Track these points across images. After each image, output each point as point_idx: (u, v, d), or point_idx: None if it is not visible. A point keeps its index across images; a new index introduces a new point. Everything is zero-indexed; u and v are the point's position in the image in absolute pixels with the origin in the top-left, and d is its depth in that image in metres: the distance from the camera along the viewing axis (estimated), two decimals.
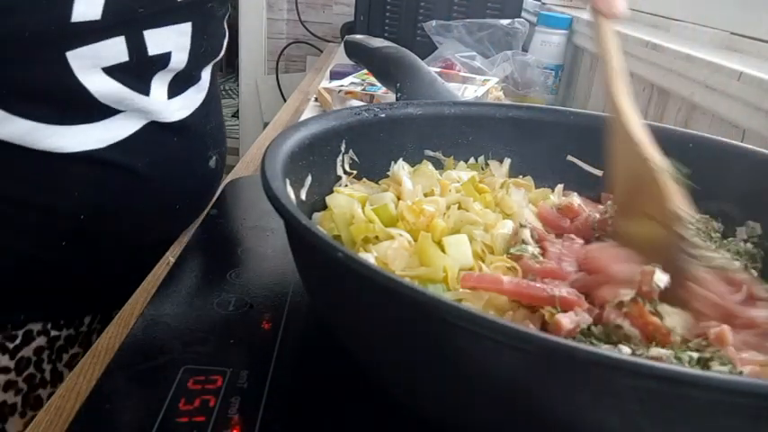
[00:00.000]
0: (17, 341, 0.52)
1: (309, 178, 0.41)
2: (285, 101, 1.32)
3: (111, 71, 0.47)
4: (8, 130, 0.45)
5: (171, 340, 0.36)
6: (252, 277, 0.44)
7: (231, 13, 0.61)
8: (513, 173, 0.51)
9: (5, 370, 0.51)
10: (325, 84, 0.96)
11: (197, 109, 0.56)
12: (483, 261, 0.37)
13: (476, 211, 0.42)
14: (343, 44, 0.77)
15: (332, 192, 0.44)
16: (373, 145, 0.47)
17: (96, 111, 0.48)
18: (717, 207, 0.44)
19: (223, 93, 4.08)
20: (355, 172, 0.47)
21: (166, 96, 0.52)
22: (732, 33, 0.82)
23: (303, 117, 0.91)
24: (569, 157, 0.52)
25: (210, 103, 0.59)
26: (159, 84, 0.51)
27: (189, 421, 0.30)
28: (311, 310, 0.41)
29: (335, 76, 1.09)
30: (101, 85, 0.46)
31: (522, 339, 0.20)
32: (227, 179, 0.64)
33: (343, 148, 0.45)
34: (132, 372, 0.34)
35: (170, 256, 0.50)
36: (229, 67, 4.30)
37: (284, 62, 2.30)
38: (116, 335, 0.42)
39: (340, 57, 1.25)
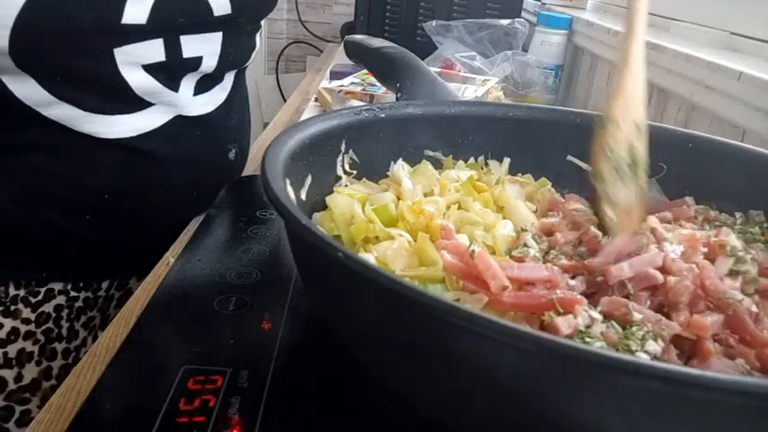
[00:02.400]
0: (39, 297, 0.58)
1: (309, 178, 0.41)
2: (285, 101, 1.32)
3: (150, 68, 0.52)
4: (56, 112, 0.50)
5: (171, 340, 0.36)
6: (252, 277, 0.44)
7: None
8: (513, 172, 0.51)
9: (27, 321, 0.57)
10: (325, 84, 0.96)
11: (220, 105, 0.61)
12: None
13: (476, 211, 0.42)
14: (343, 44, 0.77)
15: (332, 192, 0.44)
16: (373, 145, 0.47)
17: (133, 102, 0.53)
18: (716, 207, 0.44)
19: None
20: (355, 172, 0.47)
21: (192, 93, 0.57)
22: (732, 33, 0.82)
23: (303, 117, 0.91)
24: (569, 157, 0.52)
25: (233, 100, 0.64)
26: (187, 82, 0.56)
27: (189, 421, 0.30)
28: (311, 310, 0.41)
29: (335, 76, 1.09)
30: (139, 80, 0.52)
31: (521, 340, 0.20)
32: None
33: (343, 148, 0.45)
34: (132, 372, 0.34)
35: (170, 257, 0.50)
36: None
37: (284, 62, 2.30)
38: (116, 335, 0.42)
39: (340, 57, 1.25)
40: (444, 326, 0.22)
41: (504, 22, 1.18)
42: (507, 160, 0.52)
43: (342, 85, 0.89)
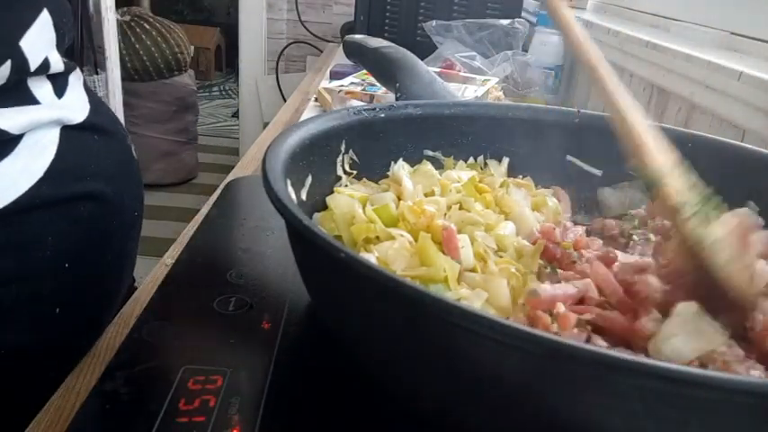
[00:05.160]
0: None
1: (310, 178, 0.41)
2: (285, 101, 1.32)
3: None
4: None
5: (171, 340, 0.36)
6: (252, 277, 0.44)
7: (231, 12, 0.59)
8: (513, 173, 0.51)
9: None
10: (325, 84, 0.97)
11: (92, 99, 0.51)
12: (485, 262, 0.37)
13: (477, 211, 0.42)
14: (342, 44, 0.77)
15: (332, 192, 0.44)
16: (373, 145, 0.47)
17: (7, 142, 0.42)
18: None
19: (223, 93, 4.08)
20: (355, 172, 0.47)
21: (56, 96, 0.46)
22: (732, 33, 0.82)
23: (303, 117, 0.91)
24: (569, 157, 0.52)
25: (88, 90, 0.53)
26: (38, 86, 0.45)
27: (189, 421, 0.30)
28: (311, 310, 0.40)
29: (335, 76, 1.09)
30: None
31: (524, 339, 0.20)
32: (227, 179, 0.64)
33: (343, 148, 0.45)
34: (132, 372, 0.34)
35: (167, 258, 0.50)
36: (229, 67, 4.31)
37: (284, 62, 2.30)
38: (116, 335, 0.42)
39: (340, 57, 1.25)
40: (446, 326, 0.22)
41: (504, 22, 1.18)
42: (506, 160, 0.52)
43: (342, 85, 0.89)
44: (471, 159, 0.51)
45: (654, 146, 0.35)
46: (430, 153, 0.50)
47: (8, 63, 0.40)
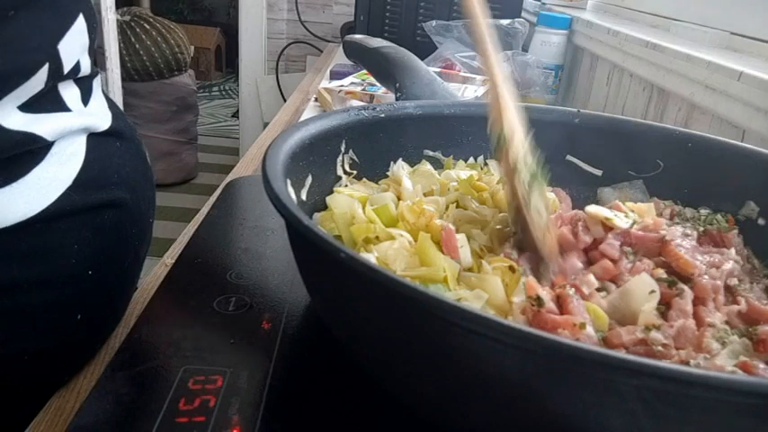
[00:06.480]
0: None
1: (310, 178, 0.41)
2: (285, 101, 1.33)
3: (26, 106, 0.41)
4: None
5: (171, 340, 0.36)
6: (252, 277, 0.44)
7: (231, 12, 0.58)
8: None
9: None
10: (325, 84, 0.97)
11: (112, 107, 0.51)
12: (482, 260, 0.37)
13: (473, 208, 0.42)
14: (342, 44, 0.77)
15: (332, 192, 0.44)
16: (373, 145, 0.47)
17: (41, 149, 0.42)
18: (716, 206, 0.44)
19: (223, 93, 4.08)
20: (355, 172, 0.47)
21: (83, 103, 0.47)
22: (732, 33, 0.82)
23: (303, 117, 0.91)
24: (569, 157, 0.52)
25: (105, 95, 0.53)
26: (67, 91, 0.45)
27: (189, 421, 0.30)
28: (311, 310, 0.40)
29: (335, 76, 1.09)
30: (18, 125, 0.40)
31: (525, 339, 0.20)
32: (227, 179, 0.64)
33: (343, 148, 0.45)
34: (132, 372, 0.34)
35: (167, 258, 0.50)
36: (229, 67, 4.32)
37: (284, 62, 2.30)
38: (116, 335, 0.42)
39: (340, 57, 1.25)
40: (447, 326, 0.22)
41: (504, 22, 1.18)
42: None
43: (342, 85, 0.89)
44: (471, 159, 0.51)
45: (513, 115, 0.41)
46: (430, 153, 0.50)
47: (46, 67, 0.40)
